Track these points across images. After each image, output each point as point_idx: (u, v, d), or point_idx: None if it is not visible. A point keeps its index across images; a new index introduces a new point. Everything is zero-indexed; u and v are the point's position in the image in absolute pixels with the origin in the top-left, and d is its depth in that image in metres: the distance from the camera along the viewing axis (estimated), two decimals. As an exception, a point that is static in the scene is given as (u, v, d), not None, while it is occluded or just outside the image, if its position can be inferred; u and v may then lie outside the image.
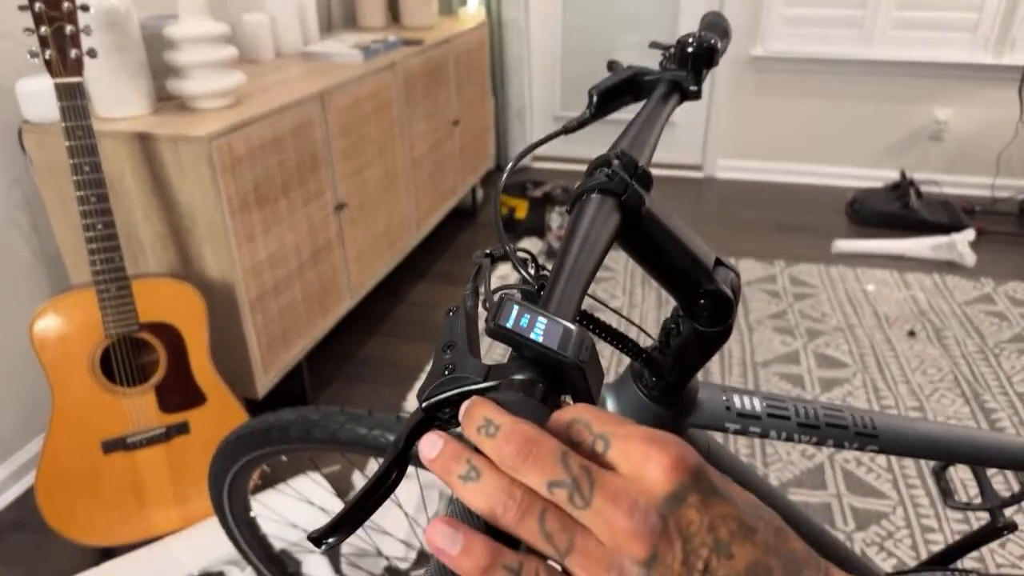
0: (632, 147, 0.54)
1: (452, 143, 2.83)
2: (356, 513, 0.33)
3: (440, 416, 0.34)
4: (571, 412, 0.31)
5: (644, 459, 0.28)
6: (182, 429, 1.50)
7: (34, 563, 1.53)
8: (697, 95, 0.62)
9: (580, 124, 0.61)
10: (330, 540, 0.33)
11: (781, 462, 1.77)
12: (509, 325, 0.33)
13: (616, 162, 0.47)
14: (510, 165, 0.56)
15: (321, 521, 1.55)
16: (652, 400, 0.60)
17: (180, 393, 1.49)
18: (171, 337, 1.47)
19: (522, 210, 3.07)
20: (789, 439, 0.63)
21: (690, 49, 0.61)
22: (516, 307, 0.34)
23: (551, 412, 0.31)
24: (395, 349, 2.29)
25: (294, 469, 1.72)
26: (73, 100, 1.31)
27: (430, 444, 0.30)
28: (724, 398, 0.63)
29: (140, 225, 1.62)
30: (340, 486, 1.71)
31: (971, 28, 3.22)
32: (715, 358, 2.20)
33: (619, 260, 2.83)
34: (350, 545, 1.55)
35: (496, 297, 0.35)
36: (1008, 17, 3.16)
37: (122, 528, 1.49)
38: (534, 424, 0.30)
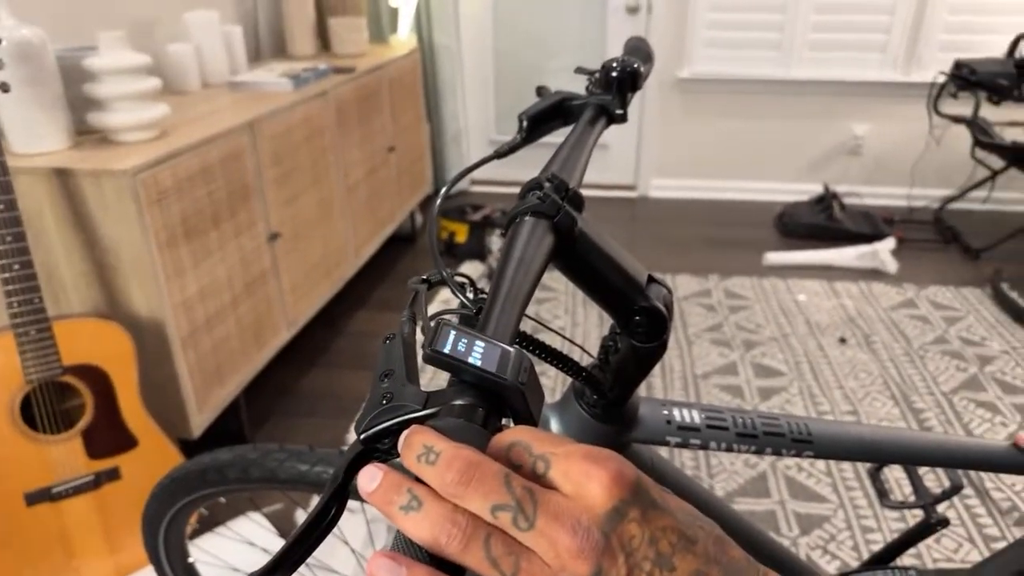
0: (563, 170, 0.55)
1: (388, 169, 2.81)
2: (296, 551, 0.33)
3: (379, 447, 0.33)
4: (510, 435, 0.31)
5: (584, 477, 0.28)
6: (112, 475, 1.43)
7: (-49, 629, 1.43)
8: (623, 118, 0.64)
9: (511, 149, 0.62)
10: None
11: (725, 472, 1.80)
12: (447, 350, 0.33)
13: (548, 185, 0.48)
14: (444, 189, 0.56)
15: (263, 562, 1.50)
16: (595, 418, 0.61)
17: (109, 437, 1.43)
18: (97, 379, 1.40)
19: (462, 234, 3.08)
20: (729, 449, 0.64)
21: (614, 74, 0.63)
22: (453, 332, 0.34)
23: (491, 436, 0.31)
24: (335, 380, 2.24)
25: (233, 511, 1.66)
26: (-16, 135, 1.25)
27: (368, 477, 0.30)
28: (664, 412, 0.64)
29: (61, 264, 1.55)
30: (282, 525, 1.66)
31: (881, 48, 3.40)
32: (657, 372, 2.23)
33: (560, 280, 2.86)
34: (295, 585, 1.50)
35: (433, 323, 0.35)
36: (914, 37, 3.35)
37: (48, 585, 1.41)
38: (475, 449, 0.29)
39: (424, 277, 0.56)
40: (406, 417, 0.33)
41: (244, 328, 1.87)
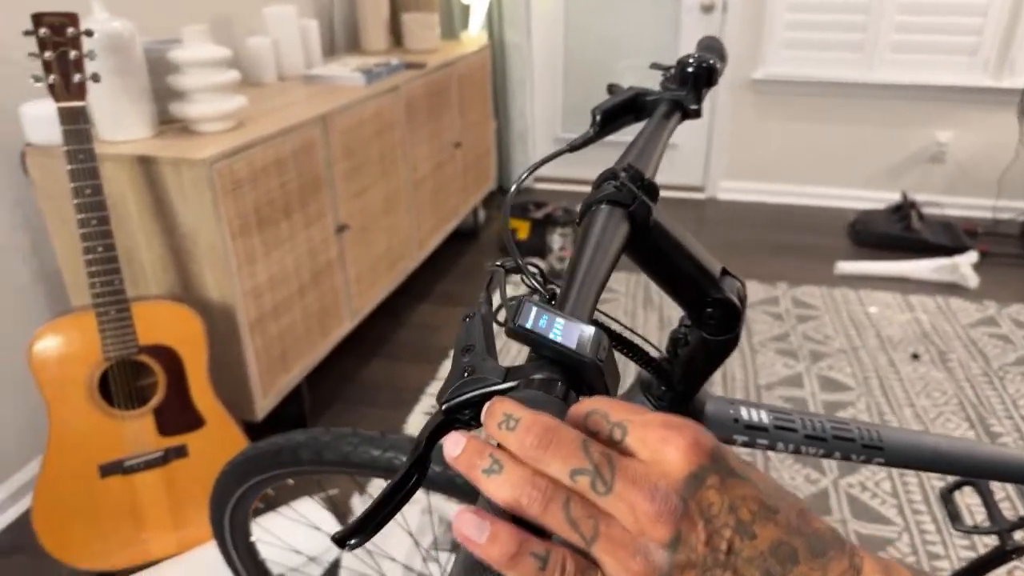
0: (638, 161, 0.54)
1: (454, 164, 2.84)
2: (378, 514, 0.34)
3: (460, 417, 0.35)
4: (588, 404, 0.32)
5: (662, 443, 0.29)
6: (180, 452, 1.49)
7: (29, 589, 1.51)
8: (697, 113, 0.63)
9: (584, 142, 0.62)
10: (352, 541, 0.34)
11: (786, 487, 1.75)
12: (529, 325, 0.34)
13: (623, 174, 0.48)
14: (518, 181, 0.56)
15: (322, 544, 1.53)
16: (660, 411, 0.59)
17: (178, 416, 1.49)
18: (170, 360, 1.46)
19: (524, 231, 3.08)
20: (796, 451, 0.62)
21: (690, 69, 0.62)
22: (535, 308, 0.35)
23: (569, 407, 0.32)
24: (396, 371, 2.28)
25: (293, 493, 1.71)
26: (76, 124, 1.31)
27: (453, 442, 0.31)
28: (732, 410, 0.63)
29: (141, 248, 1.62)
30: (339, 510, 1.69)
31: (971, 51, 3.24)
32: (718, 380, 2.19)
33: (621, 281, 2.83)
34: (350, 570, 1.53)
35: (515, 300, 0.36)
36: (1007, 40, 3.18)
37: (119, 553, 1.47)
38: (552, 416, 0.30)
39: (500, 263, 0.57)
40: (487, 389, 0.34)
41: (309, 316, 1.91)
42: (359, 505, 1.68)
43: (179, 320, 1.48)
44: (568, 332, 0.34)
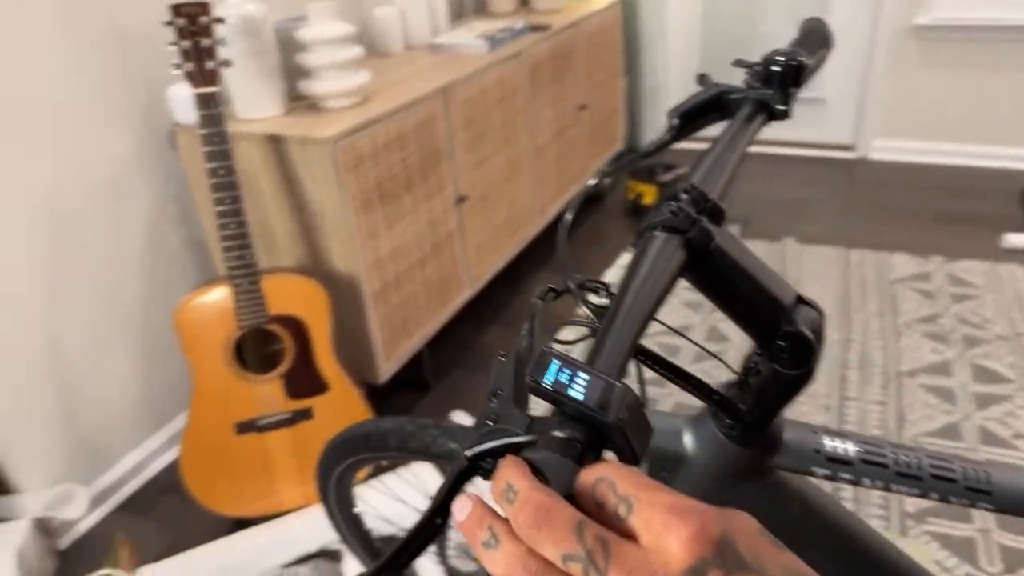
0: (707, 177, 0.50)
1: (579, 128, 2.78)
2: (400, 557, 0.35)
3: (483, 465, 0.34)
4: (598, 471, 0.30)
5: (664, 529, 0.27)
6: (306, 415, 1.60)
7: (181, 526, 1.70)
8: (785, 115, 0.58)
9: (658, 147, 0.58)
10: None
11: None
12: (547, 382, 0.33)
13: (684, 196, 0.46)
14: (585, 186, 0.54)
15: (413, 518, 1.60)
16: (731, 439, 0.56)
17: (305, 381, 1.59)
18: (297, 329, 1.56)
19: (650, 196, 2.98)
20: (886, 489, 0.57)
21: (775, 67, 0.56)
22: (556, 362, 0.34)
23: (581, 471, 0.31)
24: (513, 339, 2.31)
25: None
26: (209, 108, 1.40)
27: (460, 507, 0.31)
28: (813, 440, 0.58)
29: (274, 221, 1.73)
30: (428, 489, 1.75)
31: None
32: (854, 365, 2.04)
33: (752, 251, 2.69)
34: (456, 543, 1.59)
35: (538, 352, 0.35)
36: None
37: (254, 502, 1.62)
38: (551, 492, 0.29)
39: (551, 287, 0.56)
40: (505, 442, 0.34)
41: (430, 285, 1.97)
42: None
43: (305, 292, 1.57)
44: (591, 389, 0.33)
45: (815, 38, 0.66)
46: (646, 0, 3.33)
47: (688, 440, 0.56)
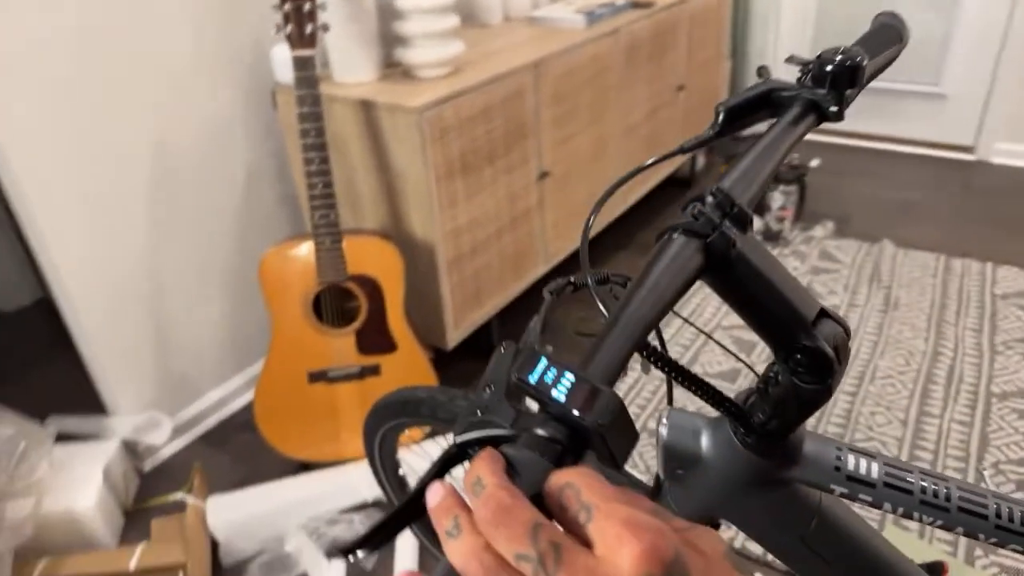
0: (738, 181, 0.49)
1: (674, 108, 2.72)
2: (383, 532, 0.36)
3: (470, 452, 0.35)
4: (567, 475, 0.31)
5: (617, 542, 0.27)
6: (374, 371, 1.67)
7: (252, 462, 1.82)
8: (838, 116, 0.55)
9: (700, 143, 0.57)
10: (357, 552, 0.37)
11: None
12: (531, 380, 0.34)
13: (709, 199, 0.45)
14: (606, 192, 0.54)
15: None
16: (747, 447, 0.55)
17: (375, 339, 1.65)
18: (372, 289, 1.62)
19: (744, 184, 2.89)
20: (907, 516, 0.55)
21: (829, 67, 0.54)
22: (544, 360, 0.34)
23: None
24: (586, 318, 2.31)
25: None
26: (305, 71, 1.46)
27: (433, 493, 0.32)
28: (836, 456, 0.56)
29: (361, 183, 1.79)
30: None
31: None
32: (939, 383, 1.94)
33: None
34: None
35: (526, 349, 0.36)
36: None
37: (320, 448, 1.71)
38: (515, 491, 0.30)
39: (571, 279, 0.56)
40: (486, 434, 0.34)
41: (504, 259, 2.00)
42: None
43: (383, 255, 1.63)
44: (575, 391, 0.33)
45: (885, 34, 0.62)
46: (760, -21, 3.20)
47: (705, 441, 0.56)
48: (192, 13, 1.65)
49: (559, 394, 0.33)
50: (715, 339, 0.55)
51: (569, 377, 0.33)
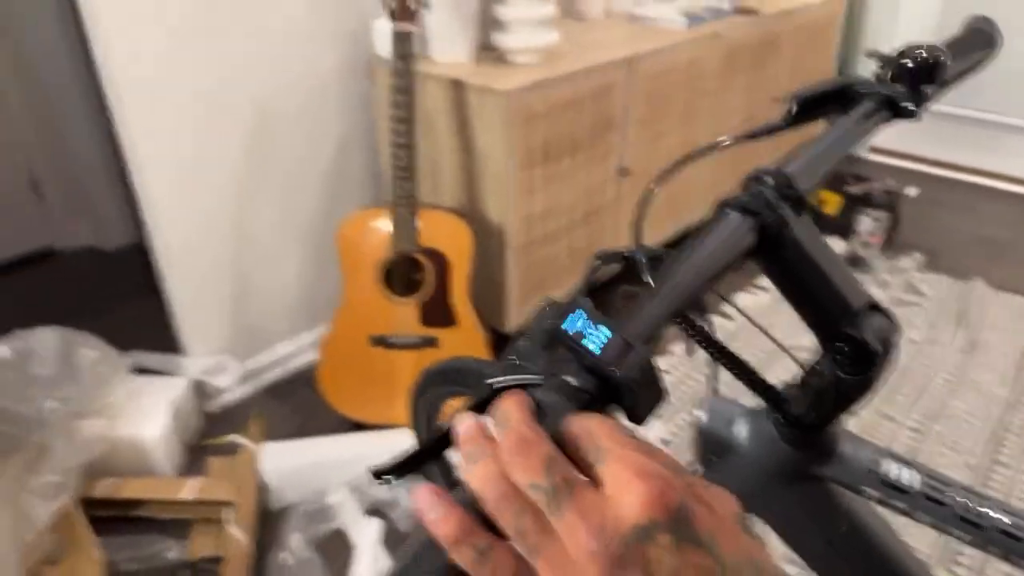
0: (802, 166, 0.49)
1: (771, 120, 2.65)
2: (413, 461, 0.38)
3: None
4: (588, 421, 0.32)
5: (626, 485, 0.28)
6: (432, 342, 1.70)
7: (309, 417, 1.89)
8: (914, 115, 0.54)
9: (769, 130, 0.57)
10: (389, 477, 0.38)
11: None
12: (567, 328, 0.35)
13: (768, 179, 0.45)
14: (665, 170, 0.55)
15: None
16: (784, 439, 0.55)
17: (438, 312, 1.69)
18: (440, 263, 1.66)
19: (833, 205, 2.79)
20: (938, 528, 0.53)
21: (907, 62, 0.53)
22: (582, 312, 0.35)
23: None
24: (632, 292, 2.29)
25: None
26: (403, 46, 1.51)
27: (459, 420, 0.34)
28: (872, 458, 0.55)
29: (444, 161, 1.83)
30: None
31: None
32: (1014, 432, 1.84)
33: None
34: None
35: (567, 299, 0.37)
36: None
37: (373, 410, 1.76)
38: (537, 429, 0.32)
39: (622, 251, 0.57)
40: (520, 379, 0.36)
41: (574, 251, 2.00)
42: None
43: (455, 231, 1.66)
44: (608, 343, 0.34)
45: (977, 38, 0.61)
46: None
47: (740, 429, 0.56)
48: (304, -19, 1.72)
49: (593, 345, 0.34)
50: (758, 324, 0.55)
51: (604, 331, 0.34)
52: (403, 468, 0.39)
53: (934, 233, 2.82)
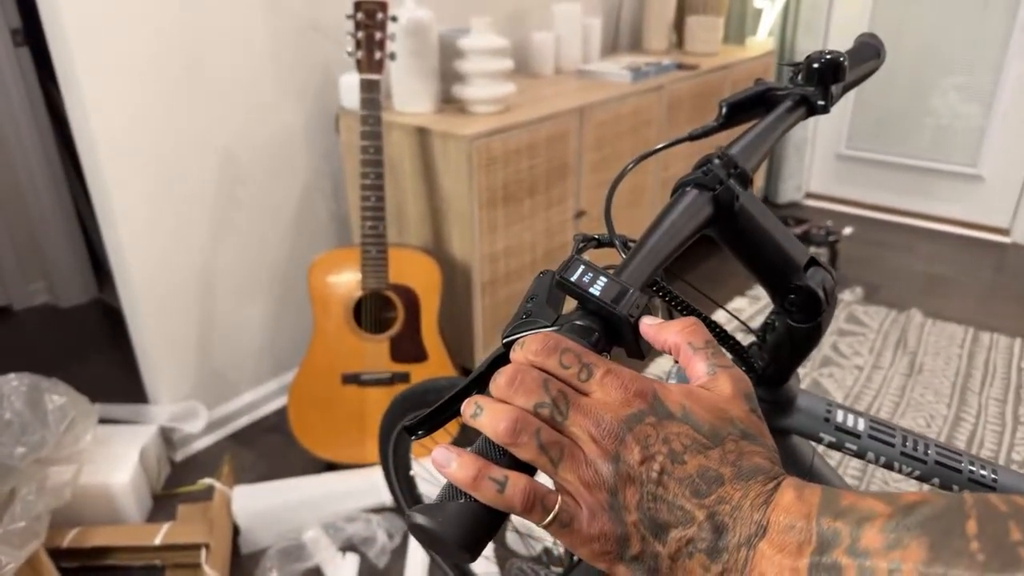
0: (741, 150, 0.57)
1: (712, 169, 2.82)
2: (440, 416, 0.44)
3: None
4: (565, 342, 0.38)
5: (612, 389, 0.36)
6: (404, 378, 1.74)
7: (278, 460, 1.89)
8: (825, 109, 0.64)
9: (705, 132, 0.65)
10: (420, 432, 0.45)
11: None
12: (572, 279, 0.41)
13: (716, 161, 0.53)
14: (621, 172, 0.62)
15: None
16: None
17: (408, 348, 1.74)
18: (410, 299, 1.72)
19: (776, 247, 2.95)
20: (888, 466, 0.61)
21: (816, 65, 0.63)
22: (582, 266, 0.42)
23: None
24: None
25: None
26: (371, 93, 1.60)
27: (465, 402, 0.38)
28: (826, 409, 0.63)
29: (409, 203, 1.91)
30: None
31: None
32: (960, 442, 1.94)
33: (873, 316, 2.60)
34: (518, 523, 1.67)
35: (568, 257, 0.43)
36: None
37: (345, 450, 1.77)
38: (524, 362, 0.37)
39: (596, 236, 0.65)
40: (534, 332, 0.41)
41: (537, 289, 2.08)
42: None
43: (423, 268, 1.72)
44: (608, 289, 0.40)
45: (867, 50, 0.72)
46: (804, 55, 3.33)
47: None
48: (273, 37, 1.81)
49: (595, 289, 0.40)
50: (712, 298, 0.63)
51: (603, 279, 0.41)
52: (432, 421, 0.44)
53: (874, 270, 3.00)
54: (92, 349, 2.41)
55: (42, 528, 1.42)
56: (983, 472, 0.60)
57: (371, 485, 1.69)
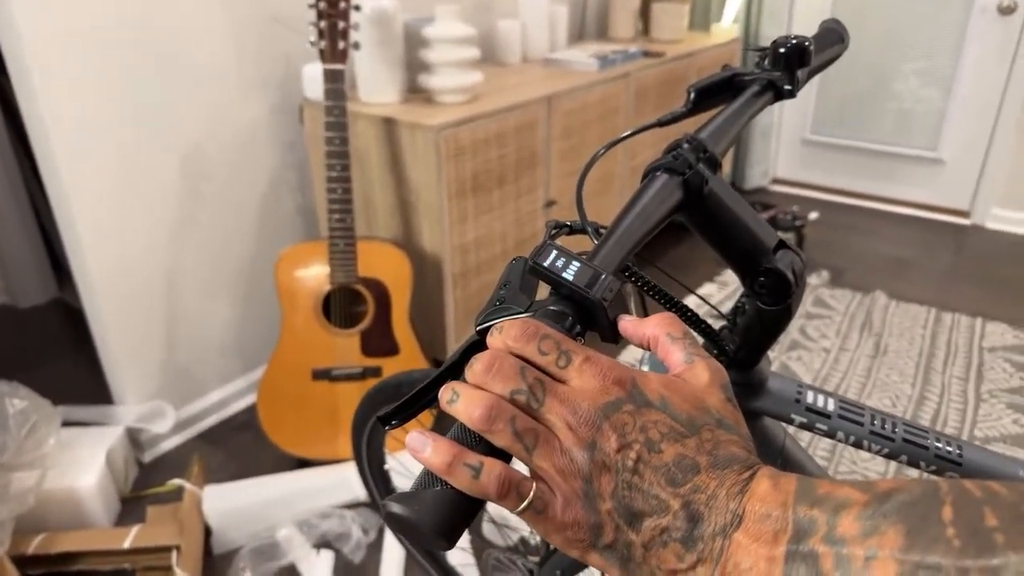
0: (710, 135, 0.57)
1: (680, 157, 2.83)
2: (414, 405, 0.43)
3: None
4: (555, 332, 0.38)
5: (591, 376, 0.36)
6: (375, 372, 1.73)
7: (249, 458, 1.86)
8: (792, 94, 0.64)
9: (674, 118, 0.65)
10: (393, 422, 0.43)
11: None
12: (545, 264, 0.41)
13: (686, 146, 0.53)
14: (592, 158, 0.62)
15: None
16: None
17: (380, 342, 1.72)
18: (380, 293, 1.70)
19: (744, 233, 2.98)
20: (858, 445, 0.61)
21: (782, 50, 0.63)
22: (555, 251, 0.41)
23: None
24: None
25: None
26: (335, 84, 1.57)
27: (442, 390, 0.38)
28: (797, 391, 0.63)
29: (377, 195, 1.89)
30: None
31: None
32: (926, 419, 1.98)
33: (839, 299, 2.64)
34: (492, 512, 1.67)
35: (542, 242, 0.43)
36: None
37: (317, 446, 1.75)
38: (502, 350, 0.37)
39: (568, 223, 0.65)
40: (509, 317, 0.41)
41: (508, 279, 2.07)
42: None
43: (393, 261, 1.71)
44: (581, 273, 0.40)
45: (831, 35, 0.72)
46: (768, 41, 3.36)
47: None
48: (235, 29, 1.77)
49: (568, 274, 0.40)
50: (683, 283, 0.63)
51: (576, 264, 0.41)
52: (406, 411, 0.43)
53: (838, 253, 3.04)
54: (53, 350, 2.35)
55: (5, 535, 1.39)
56: (949, 448, 0.60)
57: (344, 481, 1.67)
